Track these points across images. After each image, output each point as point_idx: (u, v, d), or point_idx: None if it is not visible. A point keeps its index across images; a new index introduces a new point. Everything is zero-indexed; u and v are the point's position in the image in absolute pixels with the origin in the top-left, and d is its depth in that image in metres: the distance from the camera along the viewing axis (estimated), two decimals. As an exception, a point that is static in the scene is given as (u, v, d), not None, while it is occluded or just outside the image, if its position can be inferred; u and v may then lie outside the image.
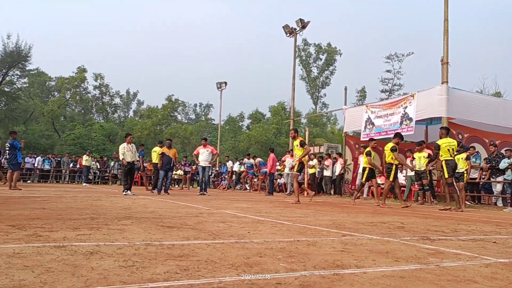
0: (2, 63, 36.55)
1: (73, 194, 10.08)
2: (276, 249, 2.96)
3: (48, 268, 2.08)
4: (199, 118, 68.08)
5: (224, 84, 31.76)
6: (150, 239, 3.19)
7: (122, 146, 11.91)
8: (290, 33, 23.97)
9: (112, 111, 51.68)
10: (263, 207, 7.93)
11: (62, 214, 4.95)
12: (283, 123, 43.95)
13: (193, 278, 2.01)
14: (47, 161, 24.22)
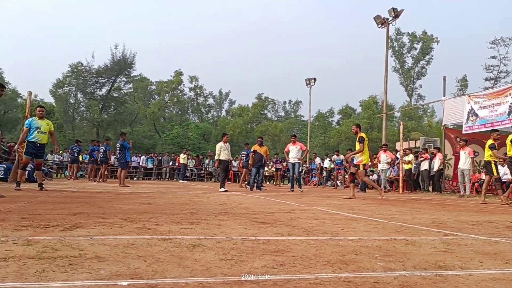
0: (111, 71, 40.31)
1: (174, 191, 10.80)
2: (372, 247, 2.90)
3: (158, 259, 2.27)
4: (288, 115, 68.45)
5: (313, 80, 31.55)
6: (246, 234, 3.32)
7: (219, 145, 12.42)
8: (382, 23, 23.01)
9: (206, 111, 54.17)
10: (356, 204, 7.76)
11: (166, 209, 5.34)
12: (375, 117, 42.41)
13: (289, 273, 2.06)
14: (150, 160, 26.23)
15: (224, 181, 12.35)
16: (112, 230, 3.24)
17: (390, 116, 41.22)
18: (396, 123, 48.98)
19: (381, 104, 37.45)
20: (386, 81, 23.35)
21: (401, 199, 9.96)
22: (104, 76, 41.08)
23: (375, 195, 12.22)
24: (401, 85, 52.08)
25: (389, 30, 23.35)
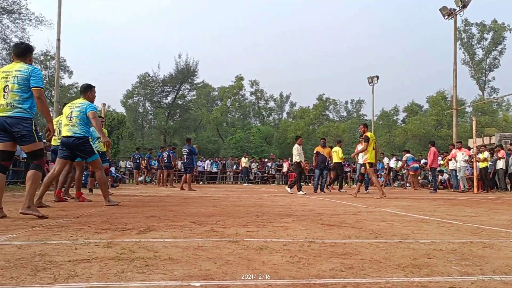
0: (176, 80, 41.99)
1: (238, 194, 10.99)
2: (446, 250, 2.77)
3: (227, 261, 2.34)
4: (350, 115, 67.04)
5: (375, 78, 30.67)
6: (312, 236, 3.31)
7: (296, 147, 12.39)
8: (449, 14, 21.88)
9: (267, 114, 54.55)
10: (426, 205, 7.43)
11: (232, 212, 5.46)
12: (444, 113, 40.28)
13: (358, 276, 2.03)
14: (214, 164, 26.92)
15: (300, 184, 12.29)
16: (182, 233, 3.38)
17: (461, 112, 38.92)
18: (468, 119, 46.19)
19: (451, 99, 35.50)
20: (455, 75, 22.14)
21: (476, 199, 9.37)
22: (169, 85, 42.88)
23: (439, 195, 11.60)
24: (472, 78, 49.08)
25: (456, 21, 22.14)
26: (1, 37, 33.17)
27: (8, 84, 4.35)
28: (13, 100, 4.32)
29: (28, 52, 4.61)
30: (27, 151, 4.45)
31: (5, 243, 2.83)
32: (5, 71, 4.45)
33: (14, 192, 10.58)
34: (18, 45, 4.72)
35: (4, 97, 4.33)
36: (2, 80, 4.39)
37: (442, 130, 41.45)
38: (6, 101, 4.32)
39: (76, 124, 6.09)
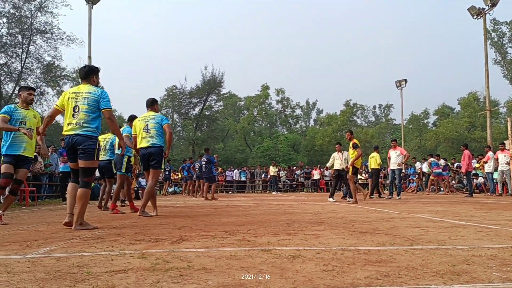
0: (203, 91, 42.52)
1: (268, 203, 10.97)
2: (486, 256, 2.67)
3: (260, 270, 2.33)
4: (379, 120, 66.01)
5: (404, 81, 30.13)
6: (345, 244, 3.26)
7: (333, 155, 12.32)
8: (478, 14, 21.35)
9: (294, 122, 54.37)
10: (462, 210, 7.20)
11: (262, 221, 5.45)
12: (476, 115, 39.06)
13: (395, 284, 1.98)
14: (243, 173, 27.01)
15: (334, 191, 12.19)
16: (214, 243, 3.40)
17: (494, 113, 37.64)
18: (502, 120, 44.56)
19: (483, 100, 34.48)
20: (487, 75, 21.51)
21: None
22: (196, 97, 43.42)
23: (475, 199, 11.22)
24: (505, 78, 47.35)
25: (486, 21, 21.56)
26: (35, 56, 34.59)
27: (78, 105, 4.59)
28: (83, 120, 4.57)
29: (91, 74, 4.84)
30: (83, 166, 4.60)
31: (45, 255, 2.92)
32: (75, 92, 4.69)
33: (50, 206, 10.93)
34: (82, 69, 4.95)
35: (73, 117, 4.58)
36: (72, 100, 4.62)
37: (475, 132, 40.18)
38: (76, 121, 4.57)
39: (155, 136, 6.41)
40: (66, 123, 4.62)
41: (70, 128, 4.59)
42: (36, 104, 36.43)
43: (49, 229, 4.71)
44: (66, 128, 4.64)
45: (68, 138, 4.61)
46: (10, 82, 34.74)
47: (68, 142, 4.60)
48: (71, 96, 4.64)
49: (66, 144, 4.64)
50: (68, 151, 4.68)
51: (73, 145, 4.57)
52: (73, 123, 4.58)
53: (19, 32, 33.55)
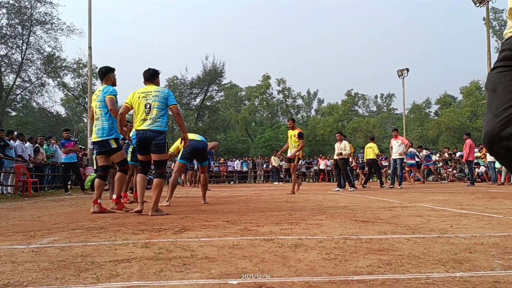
0: (204, 82, 42.45)
1: (269, 193, 11.00)
2: (488, 244, 2.68)
3: (262, 259, 2.35)
4: (380, 110, 65.86)
5: (405, 71, 29.96)
6: (347, 233, 3.27)
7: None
8: (480, 2, 21.15)
9: (296, 112, 54.27)
10: (464, 198, 7.21)
11: (264, 210, 5.47)
12: (479, 104, 38.92)
13: (397, 272, 1.99)
14: (245, 164, 27.05)
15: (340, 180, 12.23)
16: (217, 232, 3.41)
17: (496, 102, 37.42)
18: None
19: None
20: (489, 64, 21.36)
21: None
22: (197, 87, 43.37)
23: (476, 188, 11.23)
24: (508, 66, 47.10)
25: (488, 9, 21.39)
26: (36, 47, 34.49)
27: (149, 102, 5.00)
28: (155, 116, 4.97)
29: (155, 76, 5.29)
30: (157, 159, 5.06)
31: (48, 245, 2.94)
32: (144, 92, 5.10)
33: (53, 196, 10.98)
34: (146, 71, 5.29)
35: (145, 113, 4.97)
36: (142, 99, 5.02)
37: (477, 122, 40.06)
38: (149, 117, 4.97)
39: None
40: (139, 119, 4.97)
41: (144, 123, 4.95)
42: (37, 96, 36.46)
43: (52, 220, 4.74)
44: (139, 124, 4.98)
45: (141, 133, 4.94)
46: (10, 73, 34.72)
47: (141, 136, 4.95)
48: (141, 96, 5.05)
49: (139, 138, 4.96)
50: (139, 145, 5.02)
51: (146, 140, 4.94)
52: (147, 119, 4.96)
53: (19, 23, 33.42)
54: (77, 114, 50.28)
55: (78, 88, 38.59)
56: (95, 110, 5.44)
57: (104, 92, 5.36)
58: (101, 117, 5.39)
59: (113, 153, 5.39)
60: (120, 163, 5.45)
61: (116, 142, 5.36)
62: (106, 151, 5.40)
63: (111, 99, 5.32)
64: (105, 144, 5.35)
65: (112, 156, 5.41)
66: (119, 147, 5.41)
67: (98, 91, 5.47)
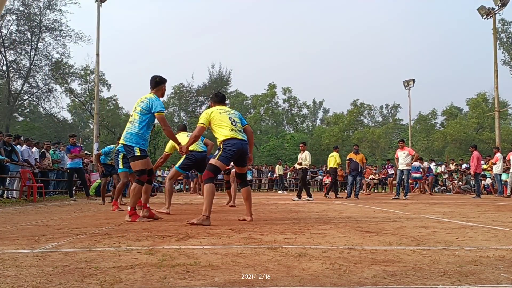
0: (209, 89, 42.63)
1: (274, 201, 10.97)
2: (494, 257, 2.66)
3: (266, 267, 2.34)
4: (386, 120, 65.66)
5: (411, 81, 29.97)
6: (351, 243, 3.25)
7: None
8: (487, 14, 21.18)
9: (301, 121, 54.29)
10: (470, 211, 7.15)
11: (268, 219, 5.46)
12: (485, 116, 38.73)
13: (402, 284, 1.98)
14: (249, 172, 27.00)
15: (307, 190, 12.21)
16: (221, 240, 3.41)
17: (503, 114, 37.37)
18: (511, 121, 44.20)
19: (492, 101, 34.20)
20: (496, 75, 21.35)
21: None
22: (203, 95, 43.57)
23: (483, 201, 11.13)
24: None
25: (495, 21, 21.39)
26: (44, 53, 34.86)
27: (232, 117, 5.09)
28: (241, 129, 5.11)
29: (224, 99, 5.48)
30: (244, 172, 5.32)
31: (52, 250, 2.95)
32: (222, 109, 5.19)
33: (58, 201, 11.02)
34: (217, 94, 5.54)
35: (233, 125, 5.00)
36: (224, 114, 5.08)
37: (484, 133, 39.86)
38: (238, 128, 5.03)
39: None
40: (230, 129, 4.93)
41: (238, 134, 4.99)
42: (44, 101, 36.76)
43: (56, 225, 4.75)
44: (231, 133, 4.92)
45: (239, 143, 4.92)
46: (18, 79, 35.06)
47: (239, 147, 4.91)
48: (221, 111, 5.09)
49: (237, 148, 4.88)
50: (234, 155, 4.93)
51: (242, 150, 4.95)
52: (236, 130, 4.99)
53: (28, 29, 33.83)
54: (84, 120, 50.53)
55: (85, 94, 38.83)
56: (133, 113, 5.24)
57: (157, 106, 5.13)
58: (135, 123, 5.15)
59: (133, 160, 5.15)
60: (137, 172, 5.16)
61: (141, 151, 5.12)
62: (130, 157, 5.21)
63: (163, 117, 5.18)
64: (129, 150, 5.15)
65: (131, 163, 5.21)
66: (143, 156, 5.14)
67: (145, 99, 5.19)
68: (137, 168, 5.13)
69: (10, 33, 33.34)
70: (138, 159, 5.10)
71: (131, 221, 5.07)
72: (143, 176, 5.13)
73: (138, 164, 5.10)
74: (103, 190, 9.62)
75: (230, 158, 4.91)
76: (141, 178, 5.14)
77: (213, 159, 4.92)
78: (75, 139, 11.59)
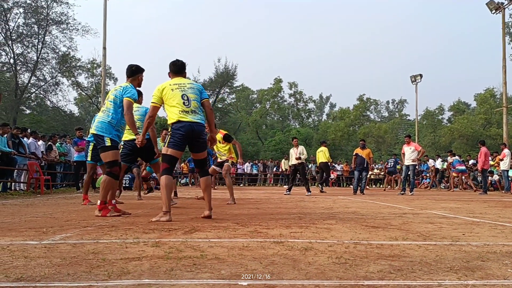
0: (215, 84, 42.63)
1: (279, 196, 10.99)
2: (501, 253, 2.65)
3: (272, 261, 2.34)
4: (392, 115, 65.41)
5: (419, 76, 29.76)
6: (357, 238, 3.25)
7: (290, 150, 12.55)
8: (496, 9, 20.94)
9: (307, 116, 54.16)
10: (476, 207, 7.12)
11: (274, 213, 5.46)
12: (493, 112, 38.44)
13: (408, 279, 1.98)
14: (255, 166, 27.05)
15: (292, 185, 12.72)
16: (227, 234, 3.42)
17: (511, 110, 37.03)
18: (519, 117, 43.83)
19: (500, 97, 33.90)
20: (504, 71, 21.16)
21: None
22: (209, 89, 43.53)
23: (489, 197, 11.07)
24: (523, 74, 46.47)
25: (505, 15, 21.17)
26: (51, 46, 34.97)
27: (186, 93, 4.46)
28: (196, 108, 4.48)
29: (184, 68, 4.81)
30: (201, 158, 4.64)
31: (60, 241, 2.97)
32: (177, 83, 4.54)
33: (65, 194, 11.10)
34: (174, 62, 4.78)
35: (185, 105, 4.41)
36: (177, 91, 4.46)
37: (491, 129, 39.58)
38: (191, 108, 4.43)
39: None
40: (179, 110, 4.38)
41: (188, 115, 4.40)
42: (51, 94, 36.94)
43: (64, 217, 4.79)
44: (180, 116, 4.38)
45: (188, 125, 4.38)
46: (26, 72, 35.22)
47: (188, 129, 4.38)
48: (175, 87, 4.49)
49: (185, 131, 4.36)
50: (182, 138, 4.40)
51: (192, 134, 4.40)
52: (188, 110, 4.42)
53: (35, 23, 33.93)
54: (90, 114, 50.71)
55: (92, 87, 38.98)
56: (105, 102, 4.97)
57: (126, 91, 4.82)
58: (107, 112, 4.87)
59: (104, 151, 4.82)
60: (108, 164, 4.82)
61: (111, 142, 4.80)
62: (99, 148, 4.90)
63: (129, 104, 4.79)
64: (100, 139, 4.83)
65: (102, 154, 4.86)
66: (113, 146, 4.83)
67: (119, 87, 4.96)
68: (107, 159, 4.79)
69: (18, 26, 33.50)
70: (108, 149, 4.77)
71: (101, 216, 4.80)
72: (114, 168, 4.80)
73: (109, 155, 4.77)
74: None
75: (180, 143, 4.40)
76: (113, 170, 4.80)
77: (164, 147, 4.50)
78: (82, 132, 11.65)
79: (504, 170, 14.93)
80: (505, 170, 14.91)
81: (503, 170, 15.01)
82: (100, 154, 4.96)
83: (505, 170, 14.90)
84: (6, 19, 32.35)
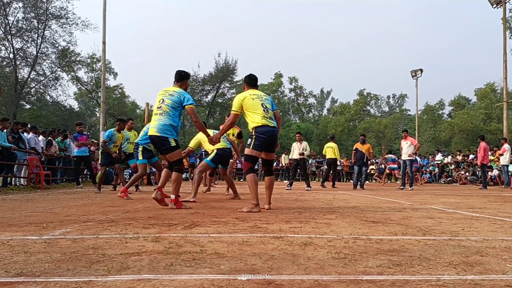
0: (216, 79, 42.54)
1: (279, 191, 10.99)
2: (500, 248, 2.65)
3: (272, 256, 2.35)
4: (393, 110, 65.28)
5: (419, 71, 29.72)
6: (356, 233, 3.26)
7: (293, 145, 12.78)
8: (497, 3, 20.86)
9: (307, 111, 54.12)
10: (476, 202, 7.13)
11: (273, 208, 5.47)
12: (493, 106, 38.39)
13: (407, 274, 1.98)
14: (256, 161, 27.08)
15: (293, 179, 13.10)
16: (226, 229, 3.43)
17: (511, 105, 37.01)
18: (519, 112, 43.79)
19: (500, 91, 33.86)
20: (505, 65, 21.11)
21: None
22: (209, 84, 43.48)
23: (489, 192, 11.08)
24: (524, 68, 46.37)
25: (505, 10, 21.08)
26: (50, 41, 34.90)
27: (264, 103, 5.18)
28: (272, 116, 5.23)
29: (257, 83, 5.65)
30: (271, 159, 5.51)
31: (60, 237, 2.98)
32: (255, 94, 5.28)
33: (65, 189, 11.12)
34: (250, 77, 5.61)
35: (265, 112, 5.11)
36: (257, 100, 5.17)
37: (491, 124, 39.54)
38: (270, 115, 5.14)
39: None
40: (261, 116, 5.04)
41: (269, 121, 5.10)
42: (51, 89, 36.89)
43: (64, 212, 4.80)
44: (263, 121, 5.03)
45: (270, 130, 5.06)
46: (25, 66, 35.17)
47: (270, 134, 5.05)
48: (254, 97, 5.19)
49: (268, 135, 5.02)
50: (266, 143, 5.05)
51: (273, 137, 5.08)
52: (267, 117, 5.09)
53: (35, 17, 33.84)
54: (90, 108, 50.75)
55: (91, 82, 38.92)
56: (161, 105, 5.20)
57: (185, 99, 5.22)
58: (166, 114, 5.17)
59: (171, 151, 5.20)
60: (176, 162, 5.26)
61: (176, 142, 5.20)
62: (164, 149, 5.22)
63: (194, 110, 5.29)
64: (164, 141, 5.16)
65: (169, 154, 5.23)
66: (177, 146, 5.25)
67: (172, 90, 5.28)
68: (175, 158, 5.26)
69: (17, 21, 33.41)
70: (174, 149, 5.21)
71: (176, 208, 5.18)
72: (182, 165, 5.37)
73: (176, 154, 5.24)
74: (100, 179, 9.57)
75: (262, 145, 5.03)
76: (181, 167, 5.36)
77: (248, 149, 5.09)
78: (82, 127, 11.64)
79: (504, 165, 14.94)
80: (505, 165, 14.92)
81: (503, 165, 15.02)
82: (166, 155, 5.30)
83: (505, 165, 14.91)
84: (6, 14, 32.26)
